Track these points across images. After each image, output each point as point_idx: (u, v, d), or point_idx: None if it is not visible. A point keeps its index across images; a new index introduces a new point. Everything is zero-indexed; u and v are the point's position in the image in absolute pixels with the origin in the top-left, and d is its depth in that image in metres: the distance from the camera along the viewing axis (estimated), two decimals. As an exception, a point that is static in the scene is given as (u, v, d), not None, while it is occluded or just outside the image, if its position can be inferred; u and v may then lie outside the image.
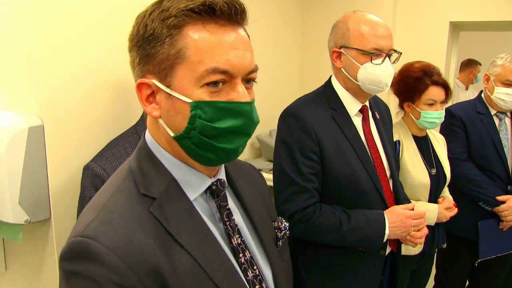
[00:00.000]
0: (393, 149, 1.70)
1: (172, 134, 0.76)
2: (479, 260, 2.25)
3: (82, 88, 1.53)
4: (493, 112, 2.29)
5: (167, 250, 0.72)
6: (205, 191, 0.83)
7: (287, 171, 1.49)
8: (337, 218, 1.47)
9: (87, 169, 1.45)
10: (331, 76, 1.63)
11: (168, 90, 0.73)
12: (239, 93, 0.74)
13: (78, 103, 1.52)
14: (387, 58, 1.48)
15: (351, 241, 1.51)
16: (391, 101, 2.04)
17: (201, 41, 0.71)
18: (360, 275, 1.58)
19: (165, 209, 0.75)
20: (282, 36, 3.41)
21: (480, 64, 4.62)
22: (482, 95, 2.35)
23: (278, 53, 3.39)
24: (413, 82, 1.91)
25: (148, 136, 0.82)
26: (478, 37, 5.21)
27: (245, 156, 3.14)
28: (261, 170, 2.84)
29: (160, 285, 0.70)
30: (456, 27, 3.69)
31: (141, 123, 1.58)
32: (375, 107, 1.69)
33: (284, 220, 1.01)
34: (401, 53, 1.53)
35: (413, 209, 1.58)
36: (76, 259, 0.68)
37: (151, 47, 0.73)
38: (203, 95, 0.72)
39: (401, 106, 2.03)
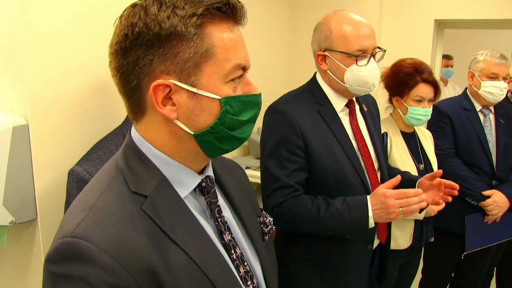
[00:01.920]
0: (380, 141, 1.71)
1: (191, 132, 0.75)
2: (465, 253, 2.28)
3: (67, 86, 1.50)
4: (478, 108, 2.33)
5: (161, 248, 0.71)
6: (194, 188, 0.82)
7: (271, 168, 1.49)
8: (315, 205, 1.45)
9: (72, 173, 1.42)
10: (316, 72, 1.63)
11: (194, 90, 0.72)
12: (253, 86, 0.79)
13: (63, 102, 1.50)
14: (372, 58, 1.48)
15: (332, 228, 1.47)
16: (379, 97, 2.05)
17: (226, 39, 0.73)
18: (348, 269, 1.59)
19: (158, 207, 0.73)
20: (270, 34, 3.41)
21: (452, 58, 4.65)
22: (467, 91, 2.38)
23: (266, 51, 3.38)
24: (403, 77, 1.94)
25: (135, 134, 0.80)
26: (460, 33, 5.28)
27: (233, 154, 3.14)
28: (249, 167, 2.84)
29: (155, 284, 0.69)
30: (441, 25, 3.72)
31: (127, 124, 1.56)
32: (362, 100, 1.69)
33: (268, 215, 1.02)
34: (385, 51, 1.53)
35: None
36: (65, 261, 0.66)
37: (171, 46, 0.70)
38: (229, 91, 0.75)
39: (390, 100, 2.05)
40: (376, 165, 1.61)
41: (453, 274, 2.57)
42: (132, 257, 0.67)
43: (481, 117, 2.32)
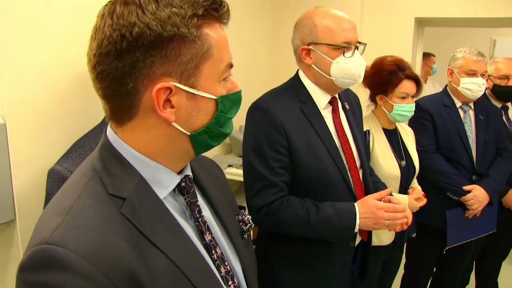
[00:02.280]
0: (363, 139, 1.71)
1: (188, 133, 0.74)
2: (447, 248, 2.31)
3: (46, 84, 1.47)
4: (458, 104, 2.36)
5: (142, 252, 0.68)
6: (173, 189, 0.80)
7: (255, 166, 1.48)
8: (305, 209, 1.46)
9: (52, 173, 1.39)
10: (298, 70, 1.63)
11: (193, 91, 0.72)
12: (235, 84, 0.80)
13: (42, 100, 1.47)
14: (356, 50, 1.50)
15: (320, 232, 1.51)
16: (361, 94, 2.06)
17: (220, 39, 0.74)
18: (330, 266, 1.59)
19: (137, 210, 0.71)
20: (252, 32, 3.40)
21: (434, 55, 4.71)
22: (448, 88, 2.41)
23: (248, 49, 3.37)
24: (387, 76, 1.95)
25: (111, 134, 0.77)
26: (440, 31, 5.37)
27: (215, 152, 3.12)
28: (231, 165, 2.84)
29: None
30: (421, 23, 3.77)
31: (107, 121, 1.53)
32: (345, 98, 1.70)
33: (246, 213, 1.01)
34: (365, 44, 1.55)
35: (391, 194, 1.56)
36: (41, 269, 0.62)
37: (173, 47, 0.68)
38: (222, 89, 0.76)
39: (372, 99, 2.06)
40: (358, 163, 1.61)
41: (435, 269, 2.61)
42: (112, 263, 0.64)
43: (461, 113, 2.35)
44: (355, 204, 1.51)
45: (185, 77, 0.70)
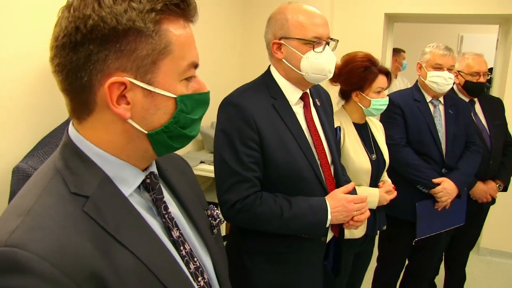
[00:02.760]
0: (334, 135, 1.72)
1: (145, 131, 0.72)
2: (416, 239, 2.35)
3: (9, 79, 1.41)
4: (428, 99, 2.40)
5: (107, 251, 0.66)
6: (139, 186, 0.79)
7: (227, 161, 1.47)
8: (278, 205, 1.47)
9: (17, 171, 1.34)
10: (270, 65, 1.62)
11: (150, 88, 0.70)
12: (203, 84, 0.78)
13: (6, 96, 1.41)
14: (327, 46, 1.50)
15: (293, 228, 1.51)
16: (331, 90, 2.07)
17: (182, 36, 0.72)
18: (302, 261, 1.59)
19: (101, 208, 0.69)
20: (222, 28, 3.38)
21: (404, 51, 4.79)
22: (418, 83, 2.45)
23: (218, 46, 3.35)
24: (363, 72, 1.95)
25: (72, 132, 0.75)
26: (410, 28, 5.46)
27: (187, 148, 3.09)
28: (203, 162, 2.80)
29: None
30: (391, 19, 3.82)
31: (70, 118, 1.48)
32: (316, 94, 1.70)
33: (215, 208, 1.00)
34: (337, 41, 1.55)
35: (354, 189, 1.61)
36: (0, 273, 0.59)
37: (129, 41, 0.67)
38: (183, 89, 0.73)
39: (344, 95, 2.07)
40: (329, 159, 1.61)
41: (407, 261, 2.65)
42: (75, 264, 0.62)
43: (431, 108, 2.39)
44: (325, 198, 1.52)
45: (141, 73, 0.69)
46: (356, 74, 1.96)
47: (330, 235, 1.66)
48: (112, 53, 0.66)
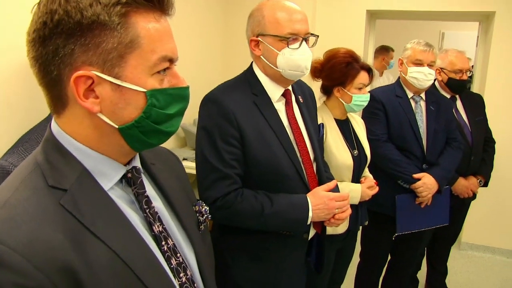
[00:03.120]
0: (317, 132, 1.71)
1: (116, 126, 0.72)
2: (396, 234, 2.36)
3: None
4: (410, 95, 2.41)
5: (80, 244, 0.66)
6: (121, 180, 0.79)
7: (208, 158, 1.46)
8: (259, 202, 1.46)
9: None
10: (252, 62, 1.61)
11: (118, 82, 0.69)
12: (180, 79, 0.77)
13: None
14: (304, 42, 1.48)
15: (274, 225, 1.51)
16: (313, 86, 2.07)
17: (152, 30, 0.71)
18: (284, 258, 1.59)
19: (78, 201, 0.69)
20: (204, 25, 3.35)
21: (393, 50, 4.80)
22: (400, 79, 2.46)
23: (200, 42, 3.33)
24: (345, 68, 1.96)
25: (54, 127, 0.76)
26: (395, 25, 5.50)
27: (170, 145, 3.06)
28: (186, 159, 2.78)
29: (72, 281, 0.64)
30: (373, 15, 3.84)
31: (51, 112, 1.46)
32: (299, 91, 1.69)
33: (204, 204, 1.00)
34: (318, 36, 1.54)
35: (336, 186, 1.61)
36: None
37: (94, 35, 0.66)
38: (155, 83, 0.72)
39: (325, 91, 2.07)
40: (312, 156, 1.61)
41: (389, 256, 2.66)
42: (46, 256, 0.62)
43: (413, 104, 2.40)
44: (307, 196, 1.51)
45: (108, 66, 0.68)
46: (338, 69, 1.97)
47: (312, 232, 1.65)
48: (78, 47, 0.67)
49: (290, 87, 1.61)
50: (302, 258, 1.65)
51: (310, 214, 1.49)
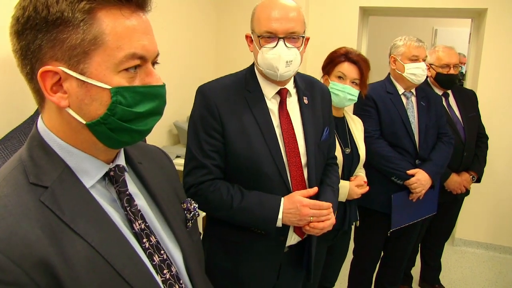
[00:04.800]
0: (317, 137, 1.63)
1: (83, 121, 0.72)
2: (391, 230, 2.37)
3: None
4: (401, 91, 2.41)
5: (59, 240, 0.68)
6: (104, 178, 0.80)
7: (190, 146, 1.52)
8: (229, 195, 1.47)
9: None
10: None
11: (83, 78, 0.69)
12: (155, 77, 0.76)
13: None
14: (281, 42, 1.43)
15: (240, 220, 1.51)
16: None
17: (119, 27, 0.70)
18: (257, 257, 1.58)
19: (59, 198, 0.71)
20: (196, 20, 3.33)
21: None
22: (391, 76, 2.46)
23: (193, 40, 3.31)
24: (330, 56, 2.03)
25: (40, 125, 0.77)
26: (388, 22, 5.50)
27: (163, 143, 3.05)
28: (179, 156, 2.77)
29: (50, 276, 0.65)
30: (366, 12, 3.84)
31: (39, 113, 1.43)
32: (306, 91, 1.64)
33: (193, 202, 1.00)
34: (303, 37, 1.49)
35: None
36: None
37: (59, 31, 0.67)
38: (122, 80, 0.72)
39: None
40: (303, 160, 1.56)
41: (382, 253, 2.67)
42: (23, 251, 0.64)
43: (404, 100, 2.40)
44: (282, 198, 1.49)
45: (73, 62, 0.69)
46: (328, 57, 2.05)
47: (294, 237, 1.61)
48: (45, 42, 0.68)
49: (290, 87, 1.58)
50: (277, 260, 1.61)
51: (280, 216, 1.47)
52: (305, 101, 1.62)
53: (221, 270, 1.60)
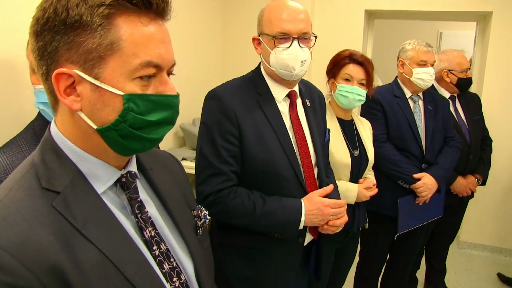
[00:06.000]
0: (321, 137, 1.69)
1: (95, 126, 0.72)
2: (397, 234, 2.37)
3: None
4: (408, 95, 2.41)
5: (71, 246, 0.68)
6: (115, 184, 0.80)
7: (205, 153, 1.48)
8: (251, 201, 1.47)
9: None
10: (260, 62, 1.62)
11: (96, 82, 0.70)
12: (169, 86, 0.75)
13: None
14: (295, 42, 1.46)
15: (264, 226, 1.51)
16: (324, 90, 2.08)
17: (136, 34, 0.70)
18: (277, 260, 1.59)
19: (71, 203, 0.71)
20: (203, 25, 3.35)
21: None
22: (398, 79, 2.46)
23: (199, 42, 3.32)
24: (334, 59, 2.04)
25: (53, 128, 0.77)
26: (393, 25, 5.51)
27: (169, 145, 3.06)
28: (185, 159, 2.78)
29: (62, 282, 0.65)
30: (371, 15, 3.85)
31: (39, 119, 1.43)
32: (307, 94, 1.68)
33: (203, 208, 1.00)
34: (316, 37, 1.54)
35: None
36: None
37: (76, 34, 0.68)
38: (135, 88, 0.71)
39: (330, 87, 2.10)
40: (313, 160, 1.60)
41: (388, 256, 2.68)
42: (36, 256, 0.64)
43: (411, 103, 2.41)
44: (302, 200, 1.51)
45: (88, 66, 0.69)
46: (331, 61, 2.05)
47: (309, 238, 1.64)
48: (62, 44, 0.69)
49: (297, 89, 1.61)
50: (297, 262, 1.64)
51: (303, 218, 1.49)
52: (308, 104, 1.66)
53: (239, 278, 1.59)
